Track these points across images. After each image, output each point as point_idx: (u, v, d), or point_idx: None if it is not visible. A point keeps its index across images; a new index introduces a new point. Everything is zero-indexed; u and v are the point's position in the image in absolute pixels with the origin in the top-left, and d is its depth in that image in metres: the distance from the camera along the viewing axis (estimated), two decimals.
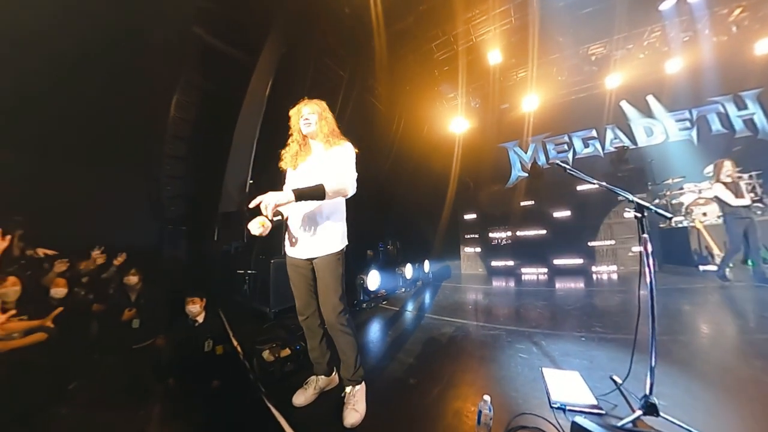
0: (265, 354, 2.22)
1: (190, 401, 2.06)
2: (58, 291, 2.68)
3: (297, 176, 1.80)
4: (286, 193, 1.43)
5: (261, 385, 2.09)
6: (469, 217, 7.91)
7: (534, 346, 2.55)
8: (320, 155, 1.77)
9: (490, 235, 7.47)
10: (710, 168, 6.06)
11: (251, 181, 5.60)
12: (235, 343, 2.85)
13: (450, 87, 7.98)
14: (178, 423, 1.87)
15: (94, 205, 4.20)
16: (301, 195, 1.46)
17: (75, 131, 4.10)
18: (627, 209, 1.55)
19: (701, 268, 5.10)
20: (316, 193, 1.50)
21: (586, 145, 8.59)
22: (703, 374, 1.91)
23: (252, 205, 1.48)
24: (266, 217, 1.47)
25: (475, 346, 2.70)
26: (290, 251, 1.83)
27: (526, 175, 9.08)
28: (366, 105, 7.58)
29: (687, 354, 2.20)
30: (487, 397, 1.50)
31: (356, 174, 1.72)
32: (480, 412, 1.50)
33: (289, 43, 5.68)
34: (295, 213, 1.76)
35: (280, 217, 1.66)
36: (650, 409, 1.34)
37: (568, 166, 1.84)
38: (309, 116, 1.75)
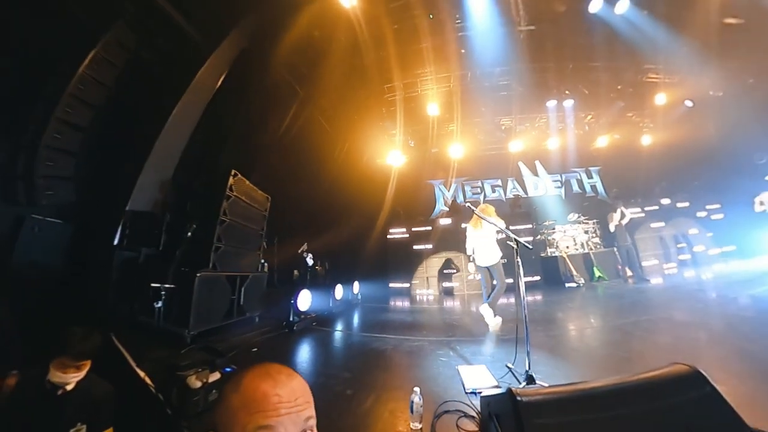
0: (191, 380, 1.91)
1: None
2: None
3: (476, 234, 4.04)
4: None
5: (182, 419, 1.80)
6: (397, 240, 8.66)
7: (451, 351, 3.02)
8: (485, 225, 3.83)
9: (416, 250, 8.35)
10: (572, 215, 8.34)
11: (172, 179, 4.95)
12: (142, 374, 2.24)
13: (393, 125, 8.92)
14: None
15: None
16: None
17: None
18: (508, 242, 2.33)
19: (567, 285, 6.89)
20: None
21: (494, 191, 10.58)
22: (563, 354, 2.76)
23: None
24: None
25: (403, 356, 3.03)
26: (479, 262, 3.99)
27: (447, 209, 10.47)
28: (315, 124, 7.77)
29: (555, 343, 3.07)
30: (416, 389, 1.79)
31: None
32: (412, 402, 1.76)
33: (252, 42, 5.48)
34: (481, 244, 3.94)
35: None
36: (530, 380, 1.89)
37: (475, 209, 2.56)
38: (487, 208, 3.90)
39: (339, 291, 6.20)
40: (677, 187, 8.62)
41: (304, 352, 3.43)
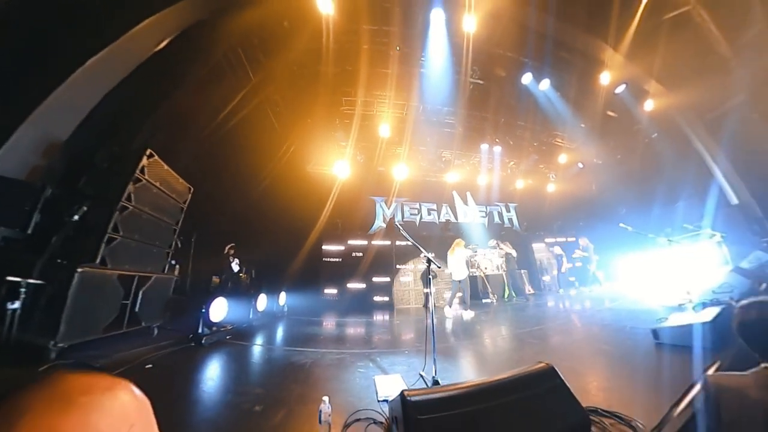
0: None
1: None
2: None
3: (452, 258, 5.64)
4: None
5: None
6: (332, 252, 8.56)
7: (371, 363, 3.05)
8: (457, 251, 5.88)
9: (350, 263, 8.37)
10: (493, 241, 9.47)
11: (66, 143, 3.91)
12: None
13: (344, 136, 8.98)
14: None
15: None
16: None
17: None
18: (424, 261, 2.69)
19: (484, 300, 7.86)
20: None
21: (429, 214, 11.39)
22: (470, 359, 3.13)
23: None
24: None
25: (322, 369, 2.94)
26: (455, 276, 5.78)
27: (384, 226, 10.81)
28: (263, 117, 7.30)
29: (464, 351, 3.47)
30: (325, 398, 1.76)
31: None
32: (320, 411, 1.72)
33: (214, 16, 4.96)
34: (456, 264, 5.71)
35: None
36: (435, 384, 2.03)
37: (402, 229, 2.96)
38: (460, 242, 6.05)
39: (262, 301, 5.68)
40: (568, 225, 11.46)
41: (212, 369, 3.02)
